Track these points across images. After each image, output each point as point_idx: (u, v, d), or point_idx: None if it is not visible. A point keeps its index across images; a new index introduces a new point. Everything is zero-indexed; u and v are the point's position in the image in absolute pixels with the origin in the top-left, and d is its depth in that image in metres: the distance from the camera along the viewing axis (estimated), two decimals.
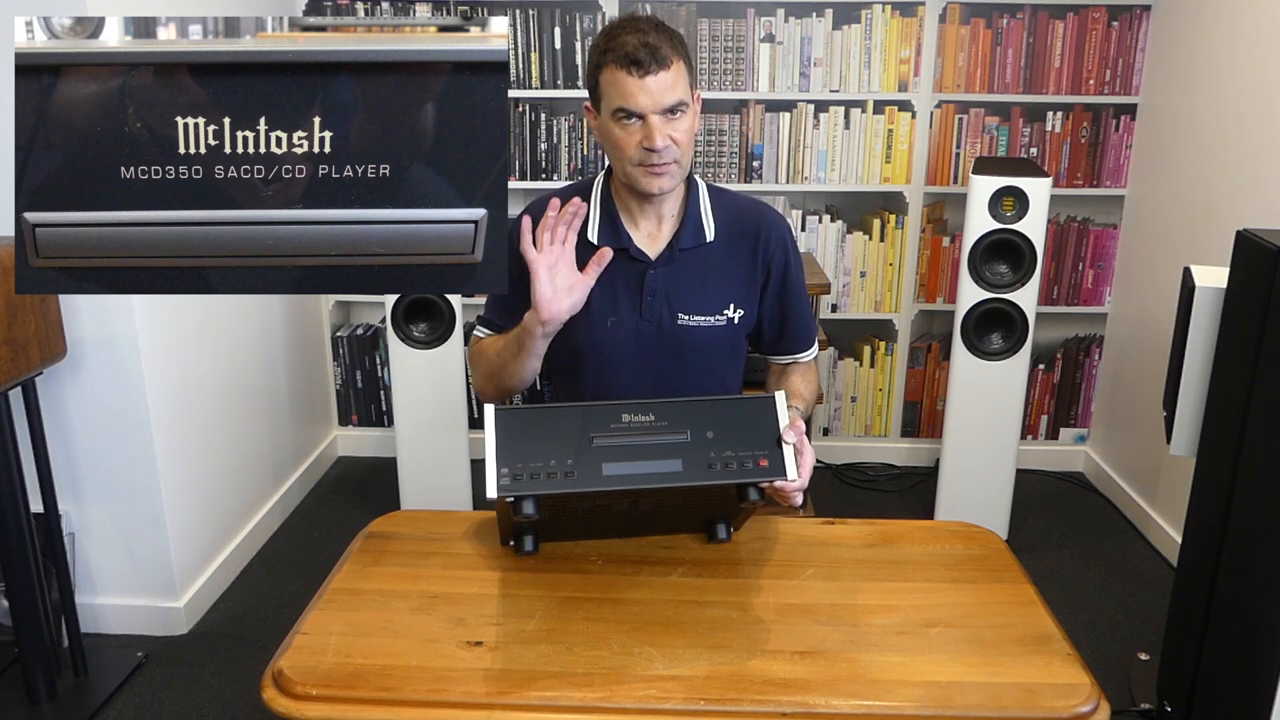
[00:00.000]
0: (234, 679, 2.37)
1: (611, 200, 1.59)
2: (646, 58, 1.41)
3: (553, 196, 1.51)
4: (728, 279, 1.59)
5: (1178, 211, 2.99)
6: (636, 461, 1.27)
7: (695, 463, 1.27)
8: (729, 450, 1.28)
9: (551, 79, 3.28)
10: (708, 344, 1.60)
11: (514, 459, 1.25)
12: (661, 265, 1.57)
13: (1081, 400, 3.55)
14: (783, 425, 1.29)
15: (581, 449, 1.27)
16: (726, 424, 1.29)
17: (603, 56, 1.45)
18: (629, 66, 1.42)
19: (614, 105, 1.45)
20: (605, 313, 1.57)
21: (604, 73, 1.46)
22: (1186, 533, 2.02)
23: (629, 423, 1.28)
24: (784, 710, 1.18)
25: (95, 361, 2.35)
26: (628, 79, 1.42)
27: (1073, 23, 3.19)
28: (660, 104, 1.44)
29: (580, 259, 1.52)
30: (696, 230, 1.58)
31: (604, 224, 1.58)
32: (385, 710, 1.18)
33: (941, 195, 3.37)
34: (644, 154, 1.46)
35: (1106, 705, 1.20)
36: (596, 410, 1.29)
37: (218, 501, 2.77)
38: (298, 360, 3.32)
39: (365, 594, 1.39)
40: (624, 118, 1.45)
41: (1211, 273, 1.96)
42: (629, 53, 1.41)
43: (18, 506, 2.12)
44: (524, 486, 1.24)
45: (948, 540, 1.57)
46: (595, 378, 1.62)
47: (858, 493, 3.42)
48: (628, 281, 1.57)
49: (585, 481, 1.25)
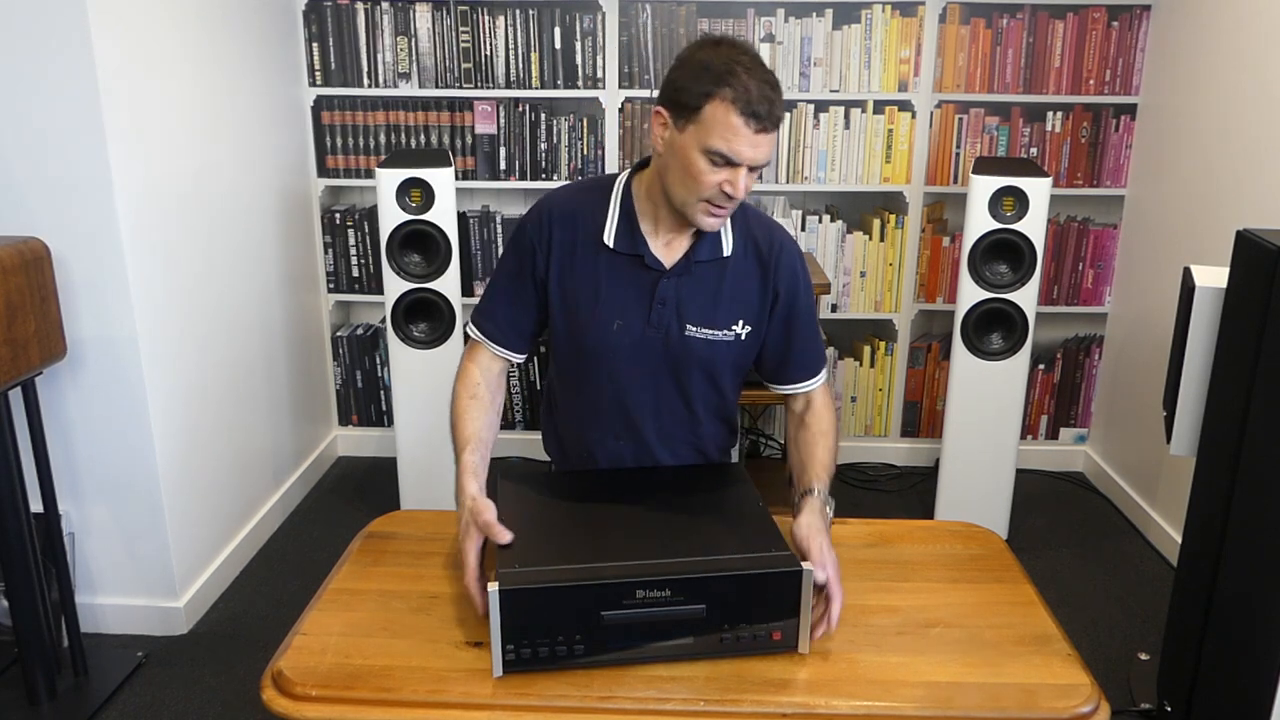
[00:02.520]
0: (234, 679, 2.37)
1: (631, 204, 1.55)
2: (766, 114, 1.36)
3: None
4: (740, 296, 1.57)
5: (1178, 211, 2.99)
6: (646, 639, 1.23)
7: (707, 639, 1.24)
8: (743, 623, 1.24)
9: (551, 79, 3.28)
10: (713, 357, 1.58)
11: (520, 637, 1.20)
12: (675, 275, 1.55)
13: (1081, 400, 3.55)
14: (805, 600, 1.24)
15: (591, 626, 1.21)
16: (745, 596, 1.23)
17: (719, 86, 1.36)
18: (749, 116, 1.36)
19: (713, 144, 1.38)
20: (612, 315, 1.56)
21: (715, 103, 1.37)
22: (1186, 533, 2.02)
23: (642, 599, 1.21)
24: (784, 710, 1.18)
25: (95, 361, 2.35)
26: (743, 128, 1.36)
27: (1073, 23, 3.19)
28: (757, 161, 1.40)
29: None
30: (714, 244, 1.56)
31: (621, 229, 1.55)
32: (385, 710, 1.18)
33: (941, 195, 3.37)
34: (718, 195, 1.42)
35: (1106, 705, 1.20)
36: (609, 587, 1.21)
37: (218, 501, 2.77)
38: (298, 360, 3.32)
39: (365, 594, 1.39)
40: (718, 161, 1.39)
41: (1211, 273, 1.96)
42: (753, 103, 1.35)
43: (18, 506, 2.12)
44: (529, 664, 1.21)
45: (948, 540, 1.57)
46: (595, 378, 1.61)
47: (858, 493, 3.42)
48: (639, 287, 1.55)
49: (591, 656, 1.22)
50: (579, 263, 1.56)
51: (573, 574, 1.23)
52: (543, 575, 1.22)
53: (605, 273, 1.55)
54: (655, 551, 1.28)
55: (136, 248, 2.33)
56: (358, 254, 3.47)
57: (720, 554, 1.27)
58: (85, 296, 2.30)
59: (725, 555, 1.27)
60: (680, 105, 1.40)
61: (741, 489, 1.52)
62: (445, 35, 3.26)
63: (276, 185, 3.13)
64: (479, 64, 3.28)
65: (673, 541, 1.33)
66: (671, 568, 1.24)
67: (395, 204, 2.82)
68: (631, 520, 1.41)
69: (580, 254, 1.55)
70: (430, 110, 3.31)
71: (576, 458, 1.71)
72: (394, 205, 2.82)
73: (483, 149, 3.34)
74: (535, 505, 1.45)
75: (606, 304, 1.55)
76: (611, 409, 1.62)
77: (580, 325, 1.56)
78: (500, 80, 3.28)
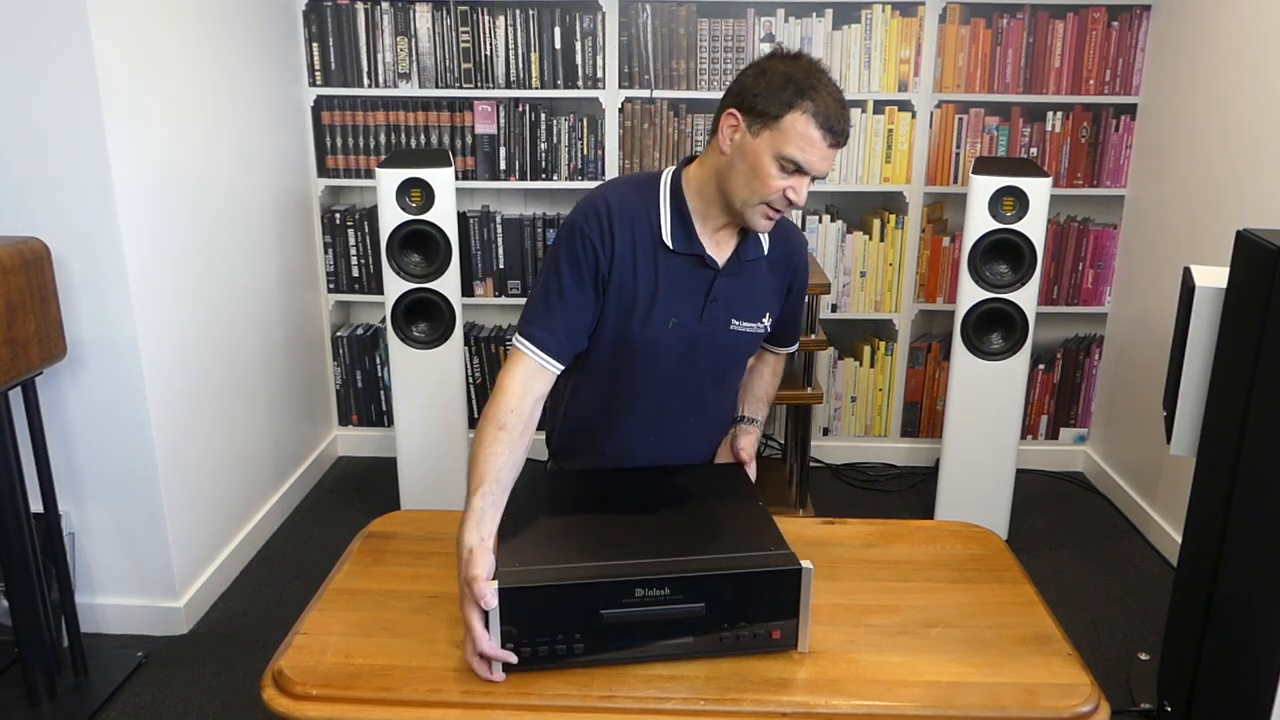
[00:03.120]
0: (234, 679, 2.37)
1: (684, 203, 1.57)
2: (841, 131, 1.45)
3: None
4: (770, 291, 1.67)
5: (1178, 211, 2.99)
6: (646, 638, 1.24)
7: (707, 638, 1.25)
8: (743, 622, 1.25)
9: (551, 79, 3.28)
10: (745, 348, 1.68)
11: (520, 635, 1.20)
12: (728, 274, 1.60)
13: (1081, 400, 3.55)
14: (805, 599, 1.25)
15: (591, 625, 1.22)
16: (744, 595, 1.24)
17: (799, 98, 1.43)
18: (826, 131, 1.43)
19: (788, 151, 1.44)
20: (670, 314, 1.57)
21: (796, 114, 1.43)
22: (1186, 533, 2.02)
23: (641, 597, 1.22)
24: (784, 710, 1.18)
25: (95, 361, 2.35)
26: (820, 140, 1.43)
27: (1073, 23, 3.19)
28: (823, 172, 1.49)
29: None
30: (756, 244, 1.63)
31: (676, 227, 1.57)
32: (385, 710, 1.18)
33: (941, 195, 3.37)
34: (780, 199, 1.49)
35: (1106, 705, 1.20)
36: (608, 586, 1.21)
37: (218, 501, 2.77)
38: (298, 360, 3.32)
39: (365, 594, 1.39)
40: (790, 167, 1.45)
41: (1211, 273, 1.96)
42: (831, 117, 1.43)
43: (18, 506, 2.12)
44: (529, 664, 1.22)
45: (948, 540, 1.57)
46: (636, 373, 1.61)
47: (858, 493, 3.42)
48: (695, 285, 1.58)
49: (591, 655, 1.23)
50: (640, 263, 1.55)
51: (572, 573, 1.23)
52: (543, 574, 1.22)
53: (665, 272, 1.56)
54: (655, 551, 1.29)
55: (136, 248, 2.33)
56: (358, 254, 3.47)
57: (720, 553, 1.28)
58: (85, 296, 2.30)
59: (725, 554, 1.28)
60: (758, 111, 1.46)
61: (741, 489, 1.53)
62: (445, 35, 3.26)
63: (276, 185, 3.13)
64: (479, 64, 3.28)
65: (673, 541, 1.33)
66: (671, 566, 1.24)
67: (395, 204, 2.82)
68: (632, 519, 1.42)
69: (640, 254, 1.55)
70: (430, 110, 3.31)
71: (592, 454, 1.70)
72: (394, 205, 2.82)
73: (483, 149, 3.34)
74: (534, 505, 1.45)
75: (664, 304, 1.57)
76: (645, 402, 1.63)
77: (634, 325, 1.56)
78: (500, 80, 3.28)
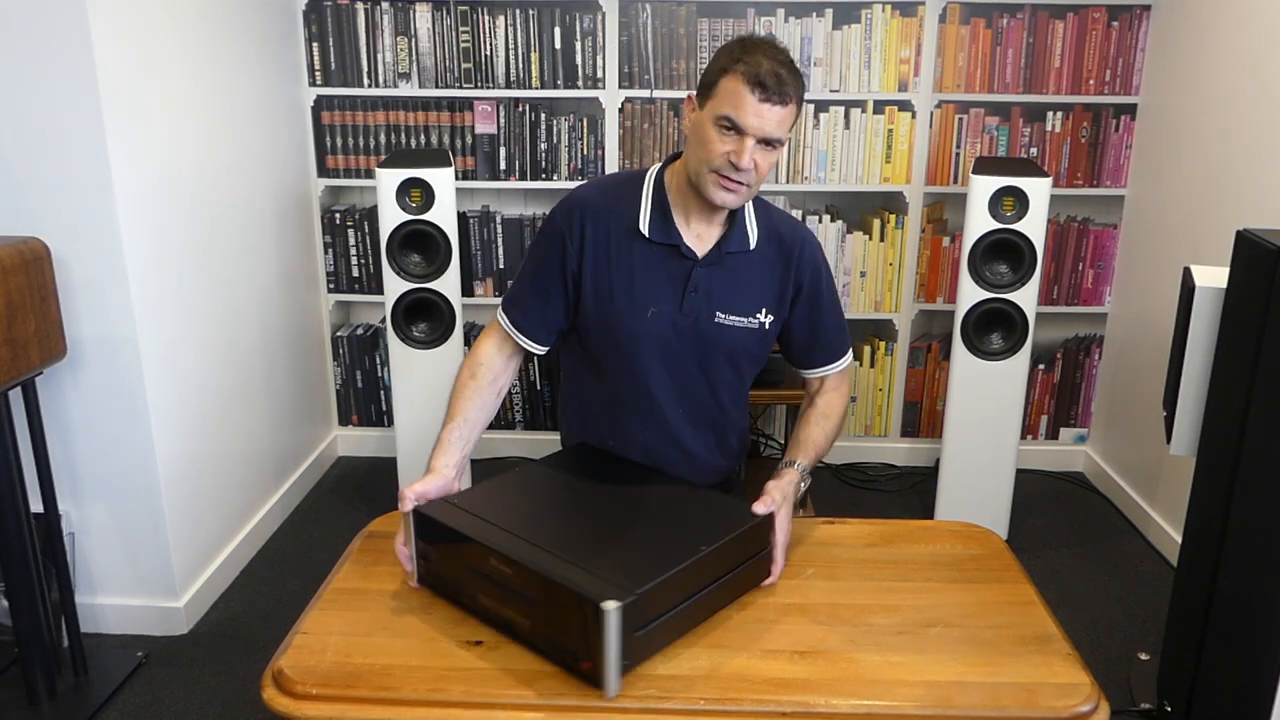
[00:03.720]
0: (234, 679, 2.37)
1: (664, 195, 1.62)
2: (773, 86, 1.46)
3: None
4: (764, 286, 1.65)
5: (1178, 211, 2.99)
6: (497, 606, 1.28)
7: (534, 634, 1.25)
8: (564, 638, 1.20)
9: (551, 79, 3.28)
10: (738, 345, 1.66)
11: (427, 558, 1.35)
12: (707, 264, 1.61)
13: (1081, 400, 3.55)
14: (609, 641, 1.15)
15: (465, 574, 1.32)
16: (557, 610, 1.20)
17: (733, 63, 1.48)
18: (755, 86, 1.46)
19: (723, 111, 1.49)
20: (647, 302, 1.61)
21: (728, 78, 1.49)
22: (1186, 533, 2.02)
23: (496, 570, 1.27)
24: (784, 710, 1.18)
25: (95, 361, 2.35)
26: (749, 96, 1.46)
27: (1073, 23, 3.19)
28: (763, 132, 1.49)
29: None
30: (741, 236, 1.63)
31: (655, 217, 1.61)
32: (385, 710, 1.18)
33: (941, 195, 3.37)
34: (726, 165, 1.50)
35: (1106, 705, 1.20)
36: (475, 546, 1.28)
37: (218, 501, 2.77)
38: (298, 360, 3.32)
39: (365, 594, 1.39)
40: (726, 127, 1.49)
41: (1211, 273, 1.96)
42: (760, 74, 1.46)
43: (18, 506, 2.12)
44: (435, 588, 1.31)
45: (948, 540, 1.57)
46: (626, 367, 1.65)
47: (858, 493, 3.42)
48: (673, 276, 1.61)
49: (462, 602, 1.32)
50: (614, 254, 1.61)
51: (463, 524, 1.31)
52: (447, 515, 1.33)
53: (641, 262, 1.61)
54: (565, 539, 1.30)
55: (136, 248, 2.33)
56: (358, 254, 3.47)
57: (565, 564, 1.22)
58: (85, 296, 2.30)
59: (566, 564, 1.22)
60: (703, 85, 1.54)
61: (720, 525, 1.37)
62: (445, 35, 3.26)
63: (276, 185, 3.13)
64: (479, 64, 3.28)
65: (591, 538, 1.33)
66: (535, 556, 1.23)
67: (395, 204, 2.82)
68: (596, 511, 1.44)
69: (615, 245, 1.61)
70: (430, 110, 3.31)
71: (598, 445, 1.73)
72: (394, 205, 2.82)
73: (483, 149, 3.34)
74: (536, 474, 1.51)
75: (641, 292, 1.61)
76: (640, 397, 1.66)
77: (614, 314, 1.61)
78: (500, 80, 3.28)
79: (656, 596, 1.20)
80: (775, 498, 1.43)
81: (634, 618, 1.16)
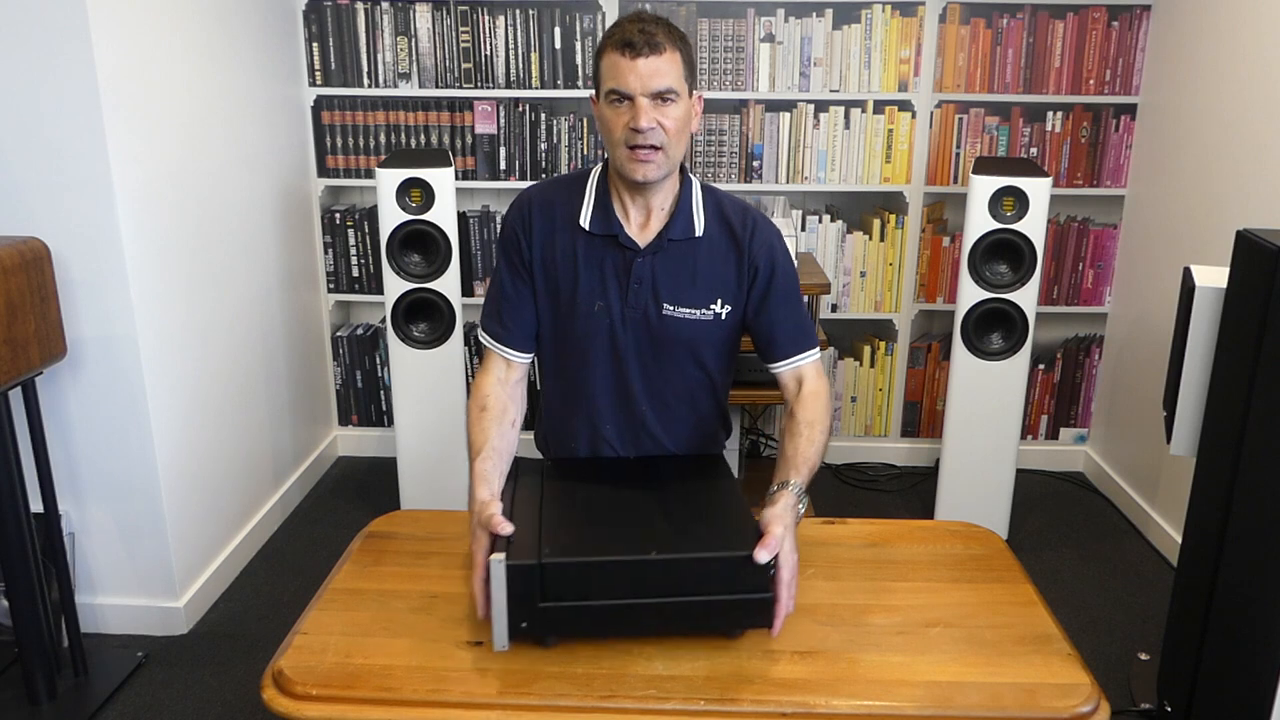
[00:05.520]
0: (234, 679, 2.37)
1: (606, 189, 1.62)
2: (640, 41, 1.46)
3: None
4: (716, 275, 1.60)
5: (1178, 211, 2.99)
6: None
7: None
8: None
9: (551, 79, 3.28)
10: (694, 337, 1.61)
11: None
12: (650, 254, 1.59)
13: (1081, 400, 3.55)
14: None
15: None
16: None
17: (604, 42, 1.51)
18: (623, 49, 1.47)
19: (607, 86, 1.50)
20: (592, 297, 1.60)
21: (603, 57, 1.51)
22: (1186, 533, 2.02)
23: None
24: (784, 710, 1.18)
25: (95, 361, 2.35)
26: (621, 60, 1.47)
27: (1073, 23, 3.19)
28: (649, 87, 1.47)
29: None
30: (686, 223, 1.60)
31: (596, 211, 1.61)
32: (385, 710, 1.18)
33: (941, 195, 3.37)
34: (630, 135, 1.49)
35: (1106, 705, 1.20)
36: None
37: (218, 501, 2.77)
38: (298, 360, 3.32)
39: (365, 594, 1.39)
40: (615, 100, 1.50)
41: (1211, 273, 1.96)
42: (625, 37, 1.47)
43: (18, 506, 2.12)
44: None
45: (948, 540, 1.57)
46: (580, 362, 1.64)
47: (858, 493, 3.42)
48: (616, 268, 1.60)
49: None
50: (559, 248, 1.61)
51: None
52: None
53: (583, 255, 1.60)
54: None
55: (136, 248, 2.33)
56: (358, 254, 3.47)
57: None
58: (85, 296, 2.30)
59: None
60: (594, 82, 1.57)
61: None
62: (445, 35, 3.26)
63: (276, 185, 3.13)
64: (479, 64, 3.28)
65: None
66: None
67: (395, 204, 2.82)
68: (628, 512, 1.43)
69: (560, 239, 1.61)
70: (430, 110, 3.31)
71: (560, 447, 1.72)
72: (394, 205, 2.82)
73: (483, 149, 3.34)
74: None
75: (586, 286, 1.60)
76: (601, 394, 1.64)
77: (564, 310, 1.61)
78: (500, 80, 3.28)
79: (574, 575, 1.24)
80: (777, 532, 1.27)
81: (531, 583, 1.21)
